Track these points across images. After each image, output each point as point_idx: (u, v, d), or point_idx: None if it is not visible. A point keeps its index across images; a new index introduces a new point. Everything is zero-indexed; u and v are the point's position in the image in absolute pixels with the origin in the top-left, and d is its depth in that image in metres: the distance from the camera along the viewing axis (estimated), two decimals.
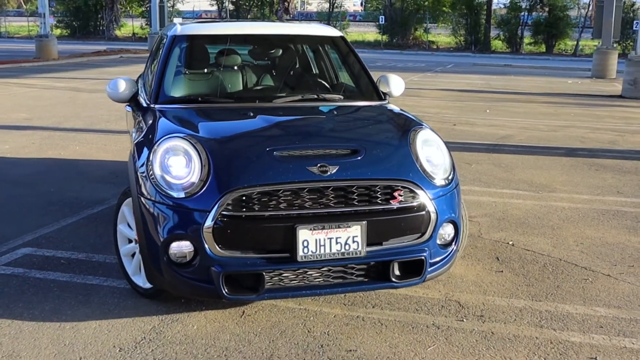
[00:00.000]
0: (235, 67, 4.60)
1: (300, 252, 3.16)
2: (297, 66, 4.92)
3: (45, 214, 5.30)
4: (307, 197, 3.21)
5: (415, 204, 3.35)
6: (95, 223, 5.08)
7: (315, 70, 4.97)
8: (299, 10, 48.78)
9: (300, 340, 3.26)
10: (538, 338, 3.30)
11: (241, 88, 4.50)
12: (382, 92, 4.46)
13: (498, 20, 37.31)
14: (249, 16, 40.25)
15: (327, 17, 41.09)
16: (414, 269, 3.38)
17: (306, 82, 4.70)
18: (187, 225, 3.19)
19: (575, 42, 34.41)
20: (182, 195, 3.23)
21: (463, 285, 3.94)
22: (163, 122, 3.74)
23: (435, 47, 37.12)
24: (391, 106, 4.32)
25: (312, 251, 3.17)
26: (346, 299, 3.71)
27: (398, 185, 3.33)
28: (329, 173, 3.24)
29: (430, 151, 3.60)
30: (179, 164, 3.32)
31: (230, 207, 3.14)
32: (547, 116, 11.26)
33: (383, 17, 37.74)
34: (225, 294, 3.17)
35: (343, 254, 3.22)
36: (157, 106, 4.02)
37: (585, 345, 3.23)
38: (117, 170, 6.80)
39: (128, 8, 42.68)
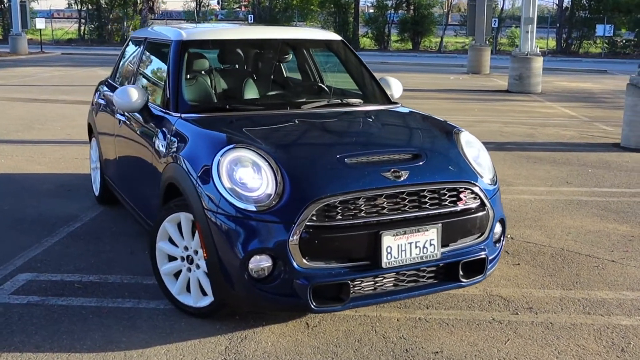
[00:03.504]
0: (249, 73, 4.47)
1: (384, 259, 3.16)
2: (309, 70, 4.87)
3: (20, 235, 4.88)
4: (386, 203, 3.21)
5: (477, 204, 3.45)
6: (83, 241, 4.75)
7: (325, 75, 4.93)
8: (162, 9, 47.36)
9: (382, 346, 3.26)
10: (594, 325, 3.52)
11: (260, 94, 4.38)
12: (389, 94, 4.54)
13: (366, 18, 38.47)
14: (111, 16, 38.52)
15: (194, 16, 40.39)
16: (475, 268, 3.48)
17: (324, 86, 4.66)
18: (270, 238, 3.08)
19: (440, 39, 36.16)
20: (257, 208, 3.12)
21: (493, 280, 4.09)
22: (208, 132, 3.57)
23: None
24: (409, 108, 4.40)
25: (394, 257, 3.18)
26: (398, 302, 3.74)
27: (462, 187, 3.42)
28: (402, 178, 3.26)
29: (475, 152, 3.72)
30: (248, 175, 3.20)
31: (314, 218, 3.08)
32: (454, 112, 11.79)
33: (252, 15, 37.70)
34: (314, 307, 3.10)
35: (422, 257, 3.25)
36: (184, 115, 3.82)
37: (638, 327, 3.49)
38: (65, 184, 6.39)
39: None
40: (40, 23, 29.76)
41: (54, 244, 4.69)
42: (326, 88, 4.63)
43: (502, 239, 3.72)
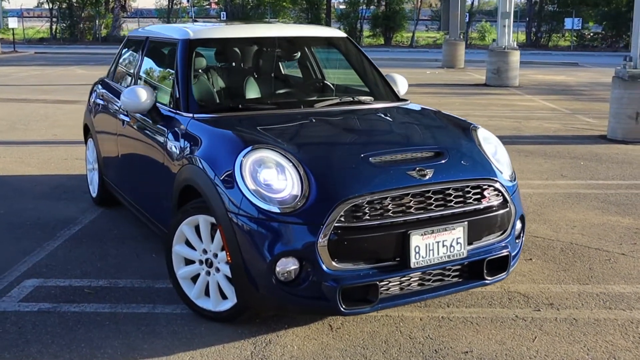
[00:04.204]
0: (257, 71, 4.38)
1: (412, 259, 3.12)
2: (311, 68, 4.79)
3: (20, 239, 4.74)
4: (413, 202, 3.17)
5: (500, 201, 3.43)
6: (86, 245, 4.63)
7: (329, 72, 4.86)
8: (134, 7, 46.66)
9: (410, 347, 3.22)
10: (617, 320, 3.52)
11: (270, 93, 4.30)
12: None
13: (338, 14, 38.41)
14: (83, 14, 37.78)
15: (167, 14, 39.89)
16: (498, 265, 3.45)
17: (330, 84, 4.59)
18: (297, 241, 3.02)
19: (411, 34, 36.27)
20: (283, 209, 3.05)
21: (509, 277, 4.05)
22: (226, 133, 3.48)
23: None
24: (420, 105, 4.36)
25: (422, 256, 3.14)
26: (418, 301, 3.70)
27: (485, 185, 3.39)
28: (427, 177, 3.22)
29: (493, 149, 3.69)
30: (273, 176, 3.13)
31: (342, 219, 3.02)
32: (436, 107, 11.78)
33: (224, 13, 37.38)
34: (343, 309, 3.05)
35: (449, 256, 3.22)
36: (196, 115, 3.73)
37: None
38: (59, 185, 6.24)
39: None
40: (12, 22, 29.13)
41: (56, 248, 4.56)
42: (332, 86, 4.56)
43: (522, 235, 3.70)
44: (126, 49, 5.28)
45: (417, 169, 3.23)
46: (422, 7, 40.59)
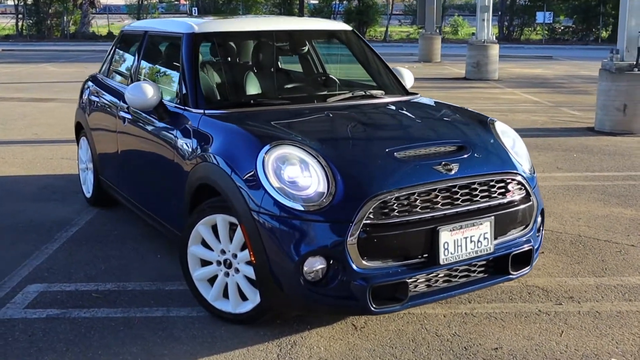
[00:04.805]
0: (263, 65, 4.27)
1: (442, 255, 3.05)
2: (312, 62, 4.69)
3: (16, 242, 4.58)
4: (440, 197, 3.10)
5: (523, 195, 3.38)
6: (86, 247, 4.48)
7: (339, 66, 4.77)
8: (103, 3, 45.85)
9: (438, 345, 3.15)
10: None
11: (279, 87, 4.19)
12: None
13: (311, 9, 38.25)
14: (50, 10, 37.04)
15: (137, 11, 39.31)
16: (522, 260, 3.40)
17: (343, 78, 4.50)
18: (325, 239, 2.92)
19: (385, 29, 36.29)
20: (309, 207, 2.95)
21: None
22: (243, 129, 3.36)
23: None
24: (432, 98, 4.30)
25: (451, 252, 3.08)
26: None
27: (509, 178, 3.34)
28: (453, 171, 3.15)
29: (511, 142, 3.65)
30: (297, 173, 3.03)
31: (371, 216, 2.94)
32: None
33: (196, 8, 36.96)
34: (373, 309, 2.97)
35: (476, 252, 3.16)
36: (207, 111, 3.61)
37: None
38: (47, 185, 6.05)
39: None
40: None
41: (56, 251, 4.41)
42: (341, 80, 4.46)
43: (542, 229, 3.66)
44: (121, 45, 5.12)
45: (443, 163, 3.16)
46: (394, 2, 40.63)
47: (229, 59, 4.38)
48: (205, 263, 3.39)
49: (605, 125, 8.49)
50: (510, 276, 3.34)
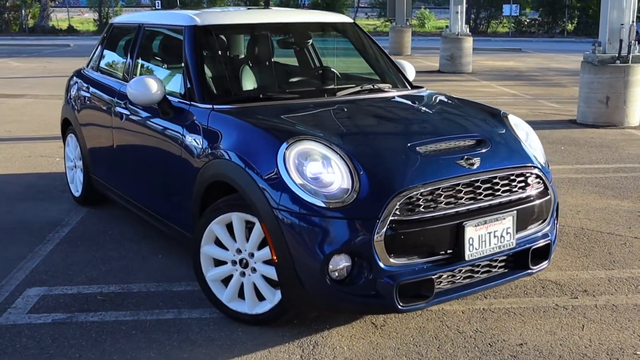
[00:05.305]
0: (270, 58, 4.16)
1: (467, 251, 2.99)
2: (309, 55, 4.58)
3: (7, 244, 4.41)
4: (463, 192, 3.04)
5: (542, 188, 3.35)
6: (82, 248, 4.33)
7: (342, 60, 4.68)
8: None
9: (462, 342, 3.10)
10: None
11: (286, 81, 4.09)
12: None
13: (276, 3, 37.98)
14: (7, 4, 36.03)
15: (97, 3, 38.53)
16: (541, 254, 3.37)
17: (348, 71, 4.41)
18: (352, 237, 2.84)
19: None
20: (333, 204, 2.86)
21: None
22: (259, 124, 3.25)
23: None
24: (439, 92, 4.24)
25: (475, 248, 3.02)
26: None
27: (528, 172, 3.30)
28: (476, 166, 3.10)
29: (525, 135, 3.61)
30: (319, 169, 2.94)
31: (397, 212, 2.87)
32: None
33: (159, 2, 36.43)
34: (400, 307, 2.90)
35: (499, 247, 3.11)
36: (217, 106, 3.49)
37: None
38: (31, 184, 5.86)
39: None
40: None
41: (50, 253, 4.25)
42: (346, 74, 4.39)
43: (556, 222, 3.63)
44: (112, 39, 4.95)
45: (465, 157, 3.10)
46: None
47: (233, 52, 4.25)
48: (219, 263, 3.29)
49: (588, 118, 8.56)
50: (530, 271, 3.31)
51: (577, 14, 33.00)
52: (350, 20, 4.57)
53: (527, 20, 34.93)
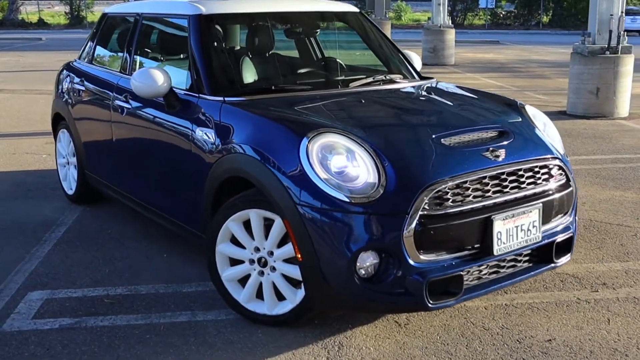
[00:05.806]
0: (279, 49, 4.03)
1: (495, 245, 2.91)
2: (316, 46, 4.45)
3: (1, 245, 4.21)
4: (490, 185, 2.95)
5: (564, 180, 3.27)
6: (81, 248, 4.17)
7: (349, 50, 4.55)
8: None
9: (490, 339, 3.01)
10: None
11: (298, 72, 3.96)
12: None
13: None
14: None
15: None
16: (563, 247, 3.30)
17: (358, 62, 4.29)
18: (380, 233, 2.73)
19: None
20: (359, 199, 2.75)
21: None
22: (277, 117, 3.12)
23: None
24: (450, 83, 4.16)
25: (503, 242, 2.94)
26: None
27: (551, 164, 3.22)
28: (501, 157, 3.01)
29: (543, 125, 3.53)
30: (344, 163, 2.82)
31: (426, 207, 2.76)
32: None
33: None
34: (430, 304, 2.80)
35: (526, 241, 3.03)
36: (228, 99, 3.36)
37: None
38: (19, 182, 5.66)
39: None
40: None
41: (49, 254, 4.08)
42: (356, 65, 4.28)
43: (575, 215, 3.56)
44: (106, 30, 4.78)
45: (491, 149, 3.01)
46: None
47: (240, 42, 4.11)
48: (235, 262, 3.16)
49: (578, 109, 8.55)
50: (555, 264, 3.24)
51: (552, 6, 33.25)
52: (357, 10, 4.45)
53: (503, 13, 35.12)
